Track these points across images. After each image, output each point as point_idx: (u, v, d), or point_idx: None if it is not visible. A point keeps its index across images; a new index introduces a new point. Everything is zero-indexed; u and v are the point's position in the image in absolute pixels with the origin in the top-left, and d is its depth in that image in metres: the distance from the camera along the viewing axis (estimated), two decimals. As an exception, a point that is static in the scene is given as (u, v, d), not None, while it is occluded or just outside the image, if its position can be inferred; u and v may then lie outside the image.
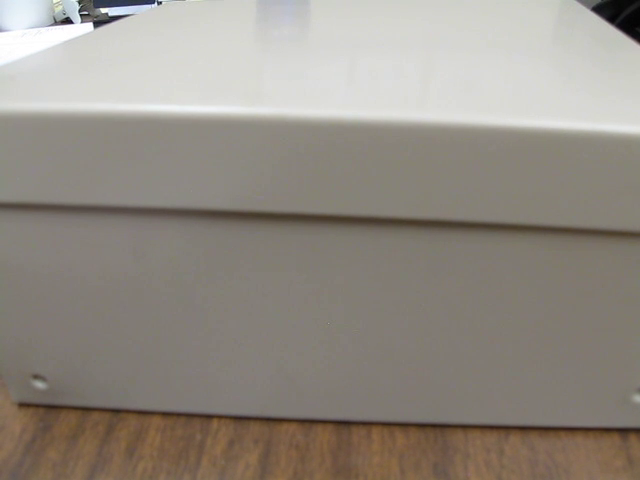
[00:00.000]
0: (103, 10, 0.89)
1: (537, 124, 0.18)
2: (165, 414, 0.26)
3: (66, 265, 0.22)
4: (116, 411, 0.26)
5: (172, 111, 0.18)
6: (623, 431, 0.25)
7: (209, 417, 0.26)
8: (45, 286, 0.23)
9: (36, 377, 0.25)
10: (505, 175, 0.18)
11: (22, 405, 0.26)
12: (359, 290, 0.22)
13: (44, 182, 0.20)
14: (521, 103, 0.19)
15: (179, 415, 0.26)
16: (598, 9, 0.66)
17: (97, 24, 0.80)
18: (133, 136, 0.19)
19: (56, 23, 0.87)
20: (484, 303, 0.22)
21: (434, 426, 0.25)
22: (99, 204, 0.20)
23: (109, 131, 0.19)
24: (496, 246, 0.20)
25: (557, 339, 0.22)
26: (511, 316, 0.22)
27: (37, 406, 0.26)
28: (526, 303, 0.22)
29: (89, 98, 0.19)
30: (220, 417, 0.26)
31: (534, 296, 0.21)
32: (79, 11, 0.88)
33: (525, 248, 0.20)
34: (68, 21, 0.88)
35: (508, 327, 0.22)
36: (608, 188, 0.18)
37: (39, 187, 0.20)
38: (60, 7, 0.89)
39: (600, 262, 0.20)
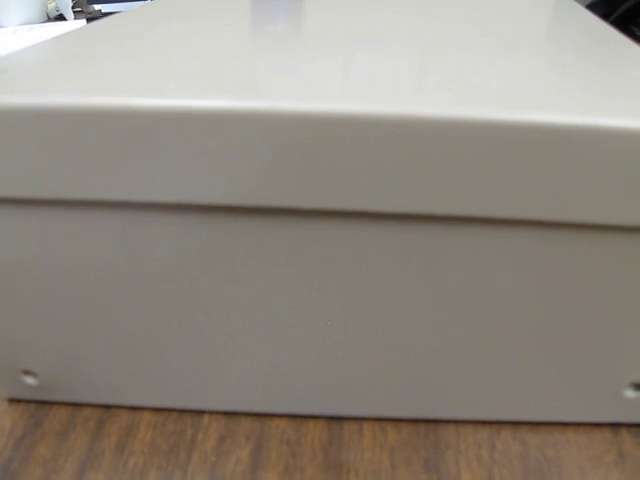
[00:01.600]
0: (96, 6, 0.89)
1: (531, 118, 0.18)
2: (156, 410, 0.26)
3: (58, 260, 0.22)
4: (107, 407, 0.26)
5: (166, 105, 0.18)
6: (614, 426, 0.25)
7: (200, 413, 0.26)
8: (36, 281, 0.23)
9: (26, 373, 0.25)
10: (501, 169, 0.18)
11: (12, 401, 0.26)
12: (352, 285, 0.22)
13: (35, 176, 0.20)
14: (516, 98, 0.19)
15: (170, 411, 0.26)
16: (592, 6, 0.67)
17: (90, 20, 0.79)
18: (126, 130, 0.19)
19: (49, 20, 0.87)
20: (476, 298, 0.22)
21: (426, 421, 0.25)
22: (91, 198, 0.20)
23: (102, 125, 0.19)
24: (489, 240, 0.20)
25: (550, 334, 0.22)
26: (504, 311, 0.22)
27: (27, 402, 0.26)
28: (519, 298, 0.22)
29: (80, 92, 0.19)
30: (211, 413, 0.26)
31: (527, 291, 0.21)
32: (72, 7, 0.87)
33: (517, 242, 0.20)
34: (61, 18, 0.87)
35: (501, 322, 0.22)
36: (602, 182, 0.18)
37: (30, 181, 0.20)
38: (53, 4, 0.89)
39: (595, 257, 0.20)
